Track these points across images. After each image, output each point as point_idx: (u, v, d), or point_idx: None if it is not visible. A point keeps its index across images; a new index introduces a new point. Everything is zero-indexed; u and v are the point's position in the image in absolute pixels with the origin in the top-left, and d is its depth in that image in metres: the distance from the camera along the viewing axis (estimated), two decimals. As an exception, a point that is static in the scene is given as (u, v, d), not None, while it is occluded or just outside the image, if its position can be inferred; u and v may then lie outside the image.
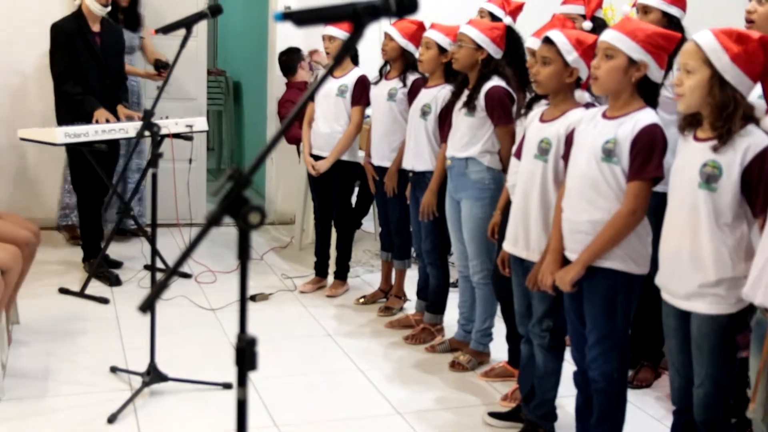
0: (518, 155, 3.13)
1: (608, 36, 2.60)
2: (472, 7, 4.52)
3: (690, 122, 2.44)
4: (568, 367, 3.04)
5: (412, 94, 4.22)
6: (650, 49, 2.57)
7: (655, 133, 2.56)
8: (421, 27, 4.20)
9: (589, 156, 2.64)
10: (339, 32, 4.53)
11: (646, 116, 2.59)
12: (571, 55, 2.84)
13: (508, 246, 3.13)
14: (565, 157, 2.82)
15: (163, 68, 5.60)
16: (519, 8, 4.30)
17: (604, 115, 2.68)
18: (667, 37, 2.62)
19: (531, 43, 3.18)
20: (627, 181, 2.58)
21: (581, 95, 2.98)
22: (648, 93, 2.64)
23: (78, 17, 4.80)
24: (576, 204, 2.70)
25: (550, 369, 3.09)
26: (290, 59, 6.00)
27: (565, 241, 2.76)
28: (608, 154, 2.59)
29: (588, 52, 2.80)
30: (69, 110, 4.76)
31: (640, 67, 2.58)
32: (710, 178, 2.33)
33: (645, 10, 3.47)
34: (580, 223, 2.68)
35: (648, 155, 2.54)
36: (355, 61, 4.71)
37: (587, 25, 3.43)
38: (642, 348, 3.71)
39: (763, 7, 3.11)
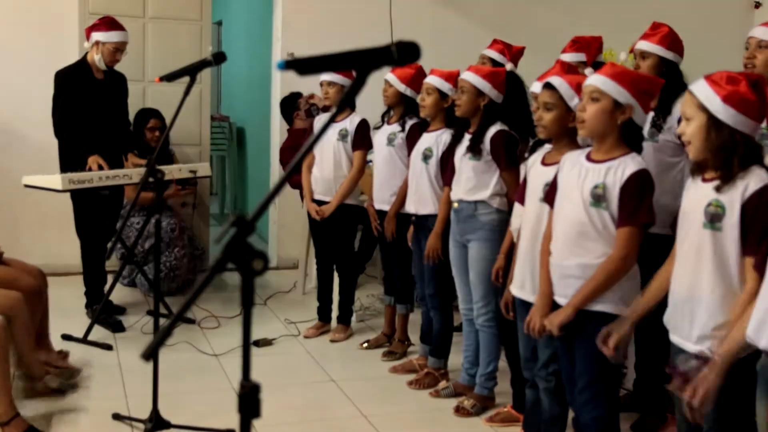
0: (520, 199, 3.13)
1: (594, 80, 2.64)
2: (473, 52, 4.57)
3: (699, 167, 2.45)
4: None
5: (410, 139, 4.24)
6: (635, 92, 2.60)
7: (644, 179, 2.59)
8: (419, 72, 4.22)
9: (576, 200, 2.65)
10: (337, 77, 4.53)
11: (633, 161, 2.61)
12: (573, 101, 2.86)
13: (514, 289, 3.11)
14: (549, 200, 2.83)
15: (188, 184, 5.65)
16: (520, 53, 4.34)
17: (589, 158, 2.69)
18: (651, 82, 2.66)
19: (536, 88, 3.20)
20: (618, 226, 2.59)
21: (584, 138, 2.99)
22: (633, 137, 2.66)
23: (82, 65, 4.85)
24: (564, 248, 2.70)
25: (556, 413, 3.06)
26: (289, 107, 6.03)
27: (554, 287, 2.76)
28: (597, 199, 2.61)
29: (589, 97, 2.82)
30: (66, 156, 4.79)
31: (625, 110, 2.60)
32: (714, 217, 2.34)
33: (643, 55, 3.50)
34: (569, 267, 2.69)
35: (639, 201, 2.57)
36: (353, 105, 4.73)
37: (590, 71, 3.46)
38: (649, 392, 3.67)
39: (762, 54, 3.14)
